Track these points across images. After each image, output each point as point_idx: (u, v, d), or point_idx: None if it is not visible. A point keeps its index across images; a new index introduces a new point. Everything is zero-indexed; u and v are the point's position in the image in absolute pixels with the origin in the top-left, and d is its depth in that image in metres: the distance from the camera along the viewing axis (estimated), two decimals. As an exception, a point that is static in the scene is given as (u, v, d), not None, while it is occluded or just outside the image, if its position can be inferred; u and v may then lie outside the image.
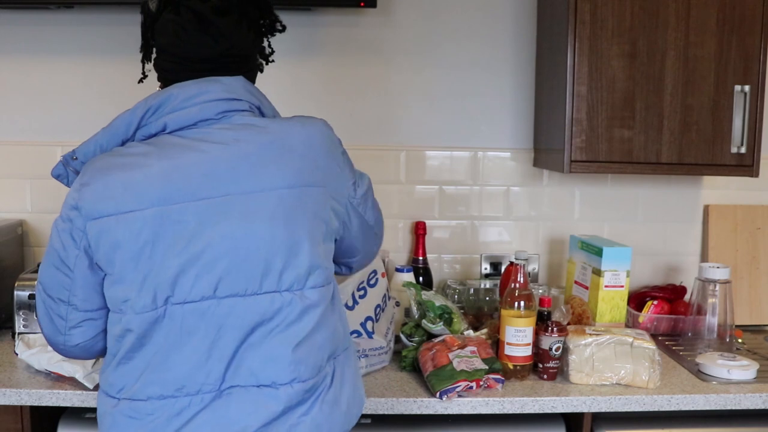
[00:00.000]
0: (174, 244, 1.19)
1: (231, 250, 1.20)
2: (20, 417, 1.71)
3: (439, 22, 2.31)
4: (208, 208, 1.20)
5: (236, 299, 1.21)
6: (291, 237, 1.23)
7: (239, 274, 1.21)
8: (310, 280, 1.25)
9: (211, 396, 1.21)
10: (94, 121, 2.29)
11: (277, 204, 1.22)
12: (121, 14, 2.26)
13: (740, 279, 2.34)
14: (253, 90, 1.32)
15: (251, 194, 1.21)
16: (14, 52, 2.27)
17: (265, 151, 1.23)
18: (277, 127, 1.27)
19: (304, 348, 1.24)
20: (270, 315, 1.22)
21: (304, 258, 1.24)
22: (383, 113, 2.34)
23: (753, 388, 1.76)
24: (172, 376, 1.21)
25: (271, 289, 1.22)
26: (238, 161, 1.21)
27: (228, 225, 1.20)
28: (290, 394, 1.23)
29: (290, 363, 1.22)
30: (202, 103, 1.24)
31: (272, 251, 1.22)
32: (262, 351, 1.22)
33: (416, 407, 1.67)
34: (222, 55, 1.30)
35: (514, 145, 2.36)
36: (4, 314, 2.10)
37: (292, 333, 1.23)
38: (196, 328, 1.21)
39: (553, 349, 1.77)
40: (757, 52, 1.99)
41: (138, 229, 1.19)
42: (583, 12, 1.95)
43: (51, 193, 2.31)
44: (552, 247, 2.40)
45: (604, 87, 1.98)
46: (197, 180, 1.20)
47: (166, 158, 1.21)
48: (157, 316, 1.21)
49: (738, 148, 2.01)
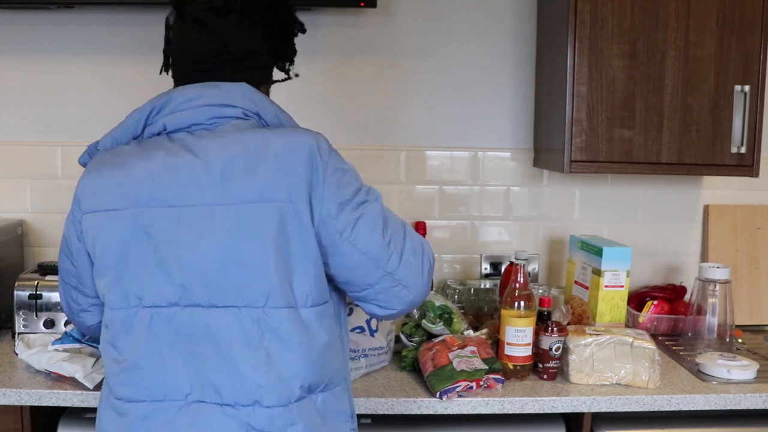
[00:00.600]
0: (146, 248, 1.21)
1: (193, 261, 1.19)
2: (20, 417, 1.71)
3: (439, 22, 2.31)
4: (174, 217, 1.20)
5: (197, 309, 1.20)
6: (250, 253, 1.18)
7: (200, 286, 1.20)
8: (271, 300, 1.19)
9: (179, 405, 1.21)
10: (94, 121, 2.30)
11: (238, 218, 1.18)
12: (121, 14, 2.26)
13: (740, 279, 2.34)
14: (255, 96, 1.28)
15: (213, 207, 1.19)
16: (14, 52, 2.28)
17: (233, 162, 1.20)
18: (256, 138, 1.22)
19: (266, 371, 1.19)
20: (231, 331, 1.19)
21: (263, 276, 1.19)
22: (383, 113, 2.34)
23: (753, 388, 1.76)
24: (139, 380, 1.23)
25: (229, 304, 1.19)
26: (203, 172, 1.20)
27: (191, 236, 1.20)
28: (253, 418, 1.19)
29: (250, 384, 1.19)
30: (195, 107, 1.25)
31: (229, 266, 1.19)
32: (224, 367, 1.19)
33: (416, 407, 1.67)
34: (218, 54, 1.30)
35: (514, 145, 2.36)
36: (4, 314, 2.10)
37: (252, 352, 1.19)
38: (163, 334, 1.21)
39: (553, 349, 1.77)
40: (757, 52, 1.99)
41: (116, 228, 1.23)
42: (583, 12, 1.95)
43: (51, 193, 2.31)
44: (552, 247, 2.40)
45: (604, 87, 1.98)
46: (168, 187, 1.21)
47: (148, 161, 1.23)
48: (129, 316, 1.23)
49: (738, 148, 2.01)
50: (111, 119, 2.29)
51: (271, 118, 1.29)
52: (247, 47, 1.32)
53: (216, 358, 1.19)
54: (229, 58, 1.31)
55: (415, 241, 1.33)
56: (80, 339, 1.77)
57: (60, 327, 1.99)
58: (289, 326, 1.20)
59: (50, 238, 2.32)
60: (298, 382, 1.21)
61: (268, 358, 1.19)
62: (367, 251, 1.26)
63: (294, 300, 1.21)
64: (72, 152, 2.30)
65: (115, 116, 2.28)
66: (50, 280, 2.02)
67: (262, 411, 1.19)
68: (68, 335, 1.78)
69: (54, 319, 2.00)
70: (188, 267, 1.20)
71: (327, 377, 1.25)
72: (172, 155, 1.22)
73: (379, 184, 2.33)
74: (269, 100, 1.31)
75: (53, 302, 2.00)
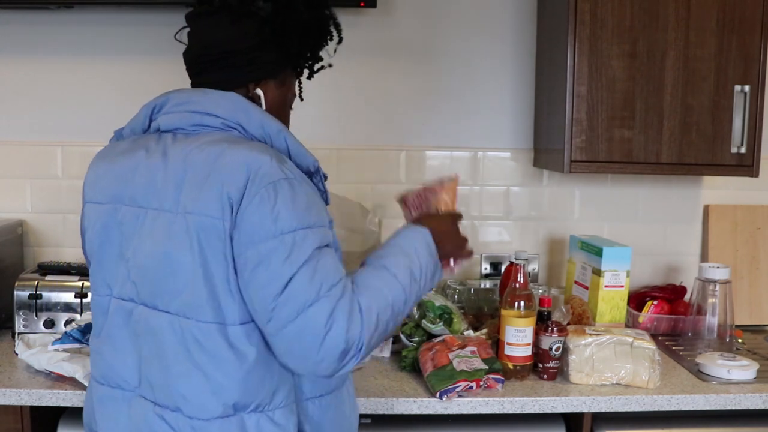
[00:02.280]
0: (116, 242, 1.26)
1: (142, 262, 1.22)
2: (20, 417, 1.71)
3: (439, 22, 2.31)
4: (140, 216, 1.23)
5: (145, 309, 1.23)
6: (184, 264, 1.18)
7: (146, 286, 1.23)
8: (200, 313, 1.17)
9: (127, 395, 1.27)
10: (94, 121, 2.30)
11: (177, 227, 1.18)
12: (121, 14, 2.26)
13: (740, 279, 2.34)
14: (240, 107, 1.25)
15: (164, 213, 1.20)
16: (14, 52, 2.27)
17: (189, 172, 1.19)
18: (215, 150, 1.19)
19: (189, 381, 1.19)
20: (168, 335, 1.20)
21: (192, 288, 1.17)
22: (383, 113, 2.34)
23: (753, 388, 1.76)
24: (102, 364, 1.30)
25: (166, 309, 1.21)
26: (162, 178, 1.21)
27: (143, 237, 1.22)
28: (176, 424, 1.20)
29: (175, 391, 1.20)
30: (182, 112, 1.26)
31: (167, 273, 1.19)
32: (159, 369, 1.22)
33: (416, 407, 1.67)
34: (199, 56, 1.31)
35: (514, 145, 2.36)
36: (4, 314, 2.10)
37: (181, 360, 1.19)
38: (123, 325, 1.26)
39: (553, 349, 1.77)
40: (757, 52, 1.99)
41: (98, 221, 1.28)
42: (583, 12, 1.95)
43: (51, 193, 2.31)
44: (552, 247, 2.40)
45: (604, 87, 1.98)
46: (139, 187, 1.24)
47: (130, 159, 1.27)
48: (105, 302, 1.29)
49: (738, 148, 2.01)
50: (111, 119, 2.30)
51: (255, 129, 1.24)
52: (229, 45, 1.29)
53: (154, 358, 1.23)
54: (209, 59, 1.30)
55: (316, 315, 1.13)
56: (80, 339, 1.77)
57: (60, 327, 1.99)
58: (215, 342, 1.18)
59: (50, 238, 2.32)
60: (221, 399, 1.19)
61: (194, 369, 1.19)
62: (251, 301, 1.17)
63: (222, 316, 1.18)
64: (72, 152, 2.30)
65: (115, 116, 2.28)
66: (50, 280, 2.02)
67: (183, 419, 1.20)
68: (68, 335, 1.78)
69: (54, 319, 2.00)
70: (139, 267, 1.23)
71: (258, 398, 1.21)
72: (149, 156, 1.25)
73: (379, 184, 2.34)
74: (258, 110, 1.26)
75: (53, 302, 2.00)
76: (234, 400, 1.19)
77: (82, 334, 1.78)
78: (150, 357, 1.23)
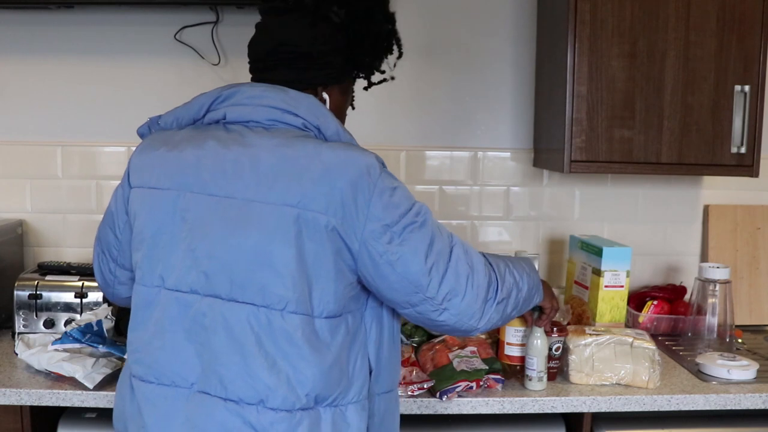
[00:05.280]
0: (179, 231, 1.23)
1: (222, 253, 1.20)
2: (20, 417, 1.71)
3: (439, 22, 2.31)
4: (212, 206, 1.21)
5: (217, 301, 1.21)
6: (279, 256, 1.18)
7: (224, 278, 1.20)
8: (290, 305, 1.19)
9: (184, 393, 1.23)
10: (94, 121, 2.30)
11: (273, 219, 1.18)
12: (121, 14, 2.26)
13: (740, 279, 2.34)
14: (319, 111, 1.27)
15: (252, 203, 1.19)
16: (14, 52, 2.27)
17: (282, 164, 1.19)
18: (309, 146, 1.21)
19: (275, 372, 1.19)
20: (246, 327, 1.19)
21: (286, 280, 1.19)
22: (383, 113, 2.34)
23: (753, 388, 1.76)
24: (151, 360, 1.26)
25: (249, 301, 1.20)
26: (249, 167, 1.21)
27: (224, 227, 1.20)
28: (255, 417, 1.19)
29: (258, 383, 1.19)
30: (257, 105, 1.26)
31: (256, 264, 1.19)
32: (234, 362, 1.20)
33: (416, 407, 1.67)
34: (270, 53, 1.32)
35: (514, 145, 2.36)
36: (4, 314, 2.10)
37: (264, 352, 1.19)
38: (179, 319, 1.23)
39: (553, 349, 1.77)
40: (757, 52, 1.99)
41: (156, 206, 1.26)
42: (583, 12, 1.95)
43: (51, 193, 2.31)
44: (552, 247, 2.40)
45: (604, 87, 1.98)
46: (211, 175, 1.22)
47: (199, 147, 1.25)
48: (152, 294, 1.26)
49: (738, 148, 2.01)
50: (111, 119, 2.31)
51: (332, 134, 1.27)
52: (304, 47, 1.31)
53: (227, 352, 1.20)
54: (282, 57, 1.31)
55: (460, 264, 1.29)
56: (80, 339, 1.77)
57: (60, 327, 1.99)
58: (302, 333, 1.20)
59: (50, 238, 2.33)
60: (305, 390, 1.20)
61: (279, 360, 1.19)
62: (407, 275, 1.24)
63: (311, 308, 1.21)
64: (72, 152, 2.30)
65: (115, 116, 2.29)
66: (50, 280, 2.02)
67: (265, 412, 1.19)
68: (68, 335, 1.78)
69: (54, 319, 2.00)
70: (216, 258, 1.20)
71: (336, 391, 1.24)
72: (223, 146, 1.23)
73: (379, 184, 2.33)
74: (332, 117, 1.29)
75: (53, 302, 2.00)
76: (316, 392, 1.21)
77: (82, 334, 1.78)
78: (220, 351, 1.20)
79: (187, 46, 2.25)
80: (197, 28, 2.25)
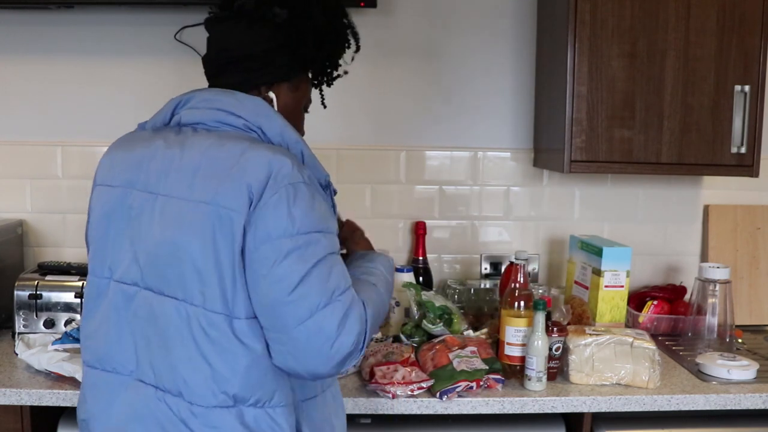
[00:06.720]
0: (124, 225, 1.28)
1: (151, 247, 1.24)
2: (20, 417, 1.71)
3: (439, 22, 2.31)
4: (150, 202, 1.25)
5: (150, 293, 1.24)
6: (196, 252, 1.19)
7: (153, 271, 1.24)
8: (208, 302, 1.19)
9: (124, 380, 1.27)
10: (94, 121, 2.30)
11: (191, 215, 1.20)
12: (121, 14, 2.26)
13: (740, 279, 2.34)
14: (263, 112, 1.28)
15: (176, 200, 1.22)
16: (14, 52, 2.27)
17: (208, 164, 1.21)
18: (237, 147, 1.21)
19: (193, 368, 1.20)
20: (171, 320, 1.21)
21: (203, 276, 1.19)
22: (383, 113, 2.34)
23: (753, 388, 1.76)
24: (96, 347, 1.31)
25: (172, 295, 1.22)
26: (176, 167, 1.24)
27: (154, 222, 1.24)
28: (177, 408, 1.22)
29: (178, 376, 1.21)
30: (207, 109, 1.30)
31: (177, 259, 1.20)
32: (162, 354, 1.23)
33: (416, 407, 1.67)
34: (213, 60, 1.37)
35: (514, 145, 2.36)
36: (4, 314, 2.10)
37: (184, 346, 1.21)
38: (122, 309, 1.27)
39: (553, 349, 1.77)
40: (757, 52, 1.99)
41: (107, 202, 1.30)
42: (583, 12, 1.95)
43: (51, 193, 2.31)
44: (552, 247, 2.40)
45: (604, 87, 1.98)
46: (155, 174, 1.26)
47: (148, 147, 1.29)
48: (102, 285, 1.30)
49: (738, 148, 2.01)
50: (111, 119, 2.31)
51: (275, 135, 1.27)
52: (243, 50, 1.34)
53: (158, 343, 1.23)
54: (223, 62, 1.35)
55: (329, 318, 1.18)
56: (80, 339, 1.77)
57: (60, 327, 1.99)
58: (220, 332, 1.20)
59: (50, 238, 2.33)
60: (221, 388, 1.20)
61: (197, 356, 1.21)
62: (261, 296, 1.18)
63: (228, 308, 1.20)
64: (72, 152, 2.30)
65: (115, 116, 2.29)
66: (50, 280, 2.02)
67: (185, 405, 1.22)
68: (68, 335, 1.78)
69: (54, 319, 2.00)
70: (147, 252, 1.24)
71: (258, 393, 1.22)
72: (168, 146, 1.27)
73: (379, 184, 2.34)
74: (280, 118, 1.29)
75: (53, 302, 2.00)
76: (234, 391, 1.21)
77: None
78: (152, 342, 1.24)
79: (187, 46, 2.25)
80: (197, 28, 2.24)
